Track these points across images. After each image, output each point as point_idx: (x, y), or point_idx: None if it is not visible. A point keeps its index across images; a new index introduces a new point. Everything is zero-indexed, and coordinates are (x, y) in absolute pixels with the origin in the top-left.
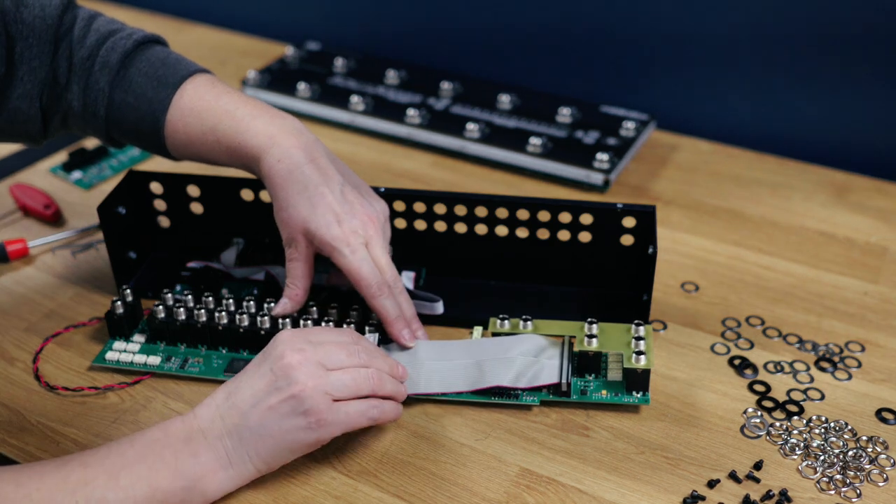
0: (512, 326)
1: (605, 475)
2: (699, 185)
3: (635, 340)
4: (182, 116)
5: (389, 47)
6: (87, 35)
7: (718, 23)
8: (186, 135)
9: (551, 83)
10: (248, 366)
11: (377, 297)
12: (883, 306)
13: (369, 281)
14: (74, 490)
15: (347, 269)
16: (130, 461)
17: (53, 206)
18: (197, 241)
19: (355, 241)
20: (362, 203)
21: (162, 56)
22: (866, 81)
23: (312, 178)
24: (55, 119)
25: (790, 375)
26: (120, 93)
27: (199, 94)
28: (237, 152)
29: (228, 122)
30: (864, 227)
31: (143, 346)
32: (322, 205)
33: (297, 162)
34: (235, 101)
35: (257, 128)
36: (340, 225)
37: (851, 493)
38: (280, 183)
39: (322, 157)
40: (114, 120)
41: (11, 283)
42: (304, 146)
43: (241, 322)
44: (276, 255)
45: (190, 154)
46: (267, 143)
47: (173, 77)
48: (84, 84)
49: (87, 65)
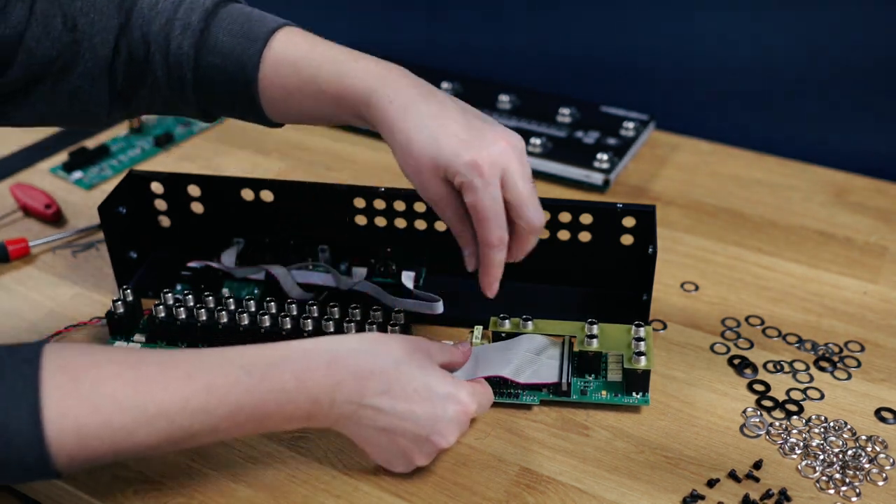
0: (512, 326)
1: (605, 474)
2: (699, 185)
3: (635, 341)
4: (277, 70)
5: (388, 48)
6: (157, 2)
7: (718, 22)
8: (284, 88)
9: (551, 83)
10: (409, 367)
11: (489, 246)
12: (882, 306)
13: (490, 227)
14: (192, 416)
15: (472, 205)
16: (251, 406)
17: (54, 205)
18: (197, 241)
19: (488, 171)
20: (494, 128)
21: (245, 11)
22: (866, 80)
23: (431, 110)
24: (140, 92)
25: (790, 375)
26: (206, 54)
27: (292, 45)
28: (342, 98)
29: (329, 68)
30: (864, 227)
31: (144, 345)
32: (446, 135)
33: (412, 98)
34: (333, 47)
35: (364, 69)
36: (469, 151)
37: (851, 492)
38: (396, 124)
39: (435, 92)
40: (202, 85)
41: (12, 283)
42: (416, 84)
43: (241, 321)
44: (276, 254)
45: (288, 111)
46: (376, 84)
47: (261, 30)
48: (165, 51)
49: (165, 30)
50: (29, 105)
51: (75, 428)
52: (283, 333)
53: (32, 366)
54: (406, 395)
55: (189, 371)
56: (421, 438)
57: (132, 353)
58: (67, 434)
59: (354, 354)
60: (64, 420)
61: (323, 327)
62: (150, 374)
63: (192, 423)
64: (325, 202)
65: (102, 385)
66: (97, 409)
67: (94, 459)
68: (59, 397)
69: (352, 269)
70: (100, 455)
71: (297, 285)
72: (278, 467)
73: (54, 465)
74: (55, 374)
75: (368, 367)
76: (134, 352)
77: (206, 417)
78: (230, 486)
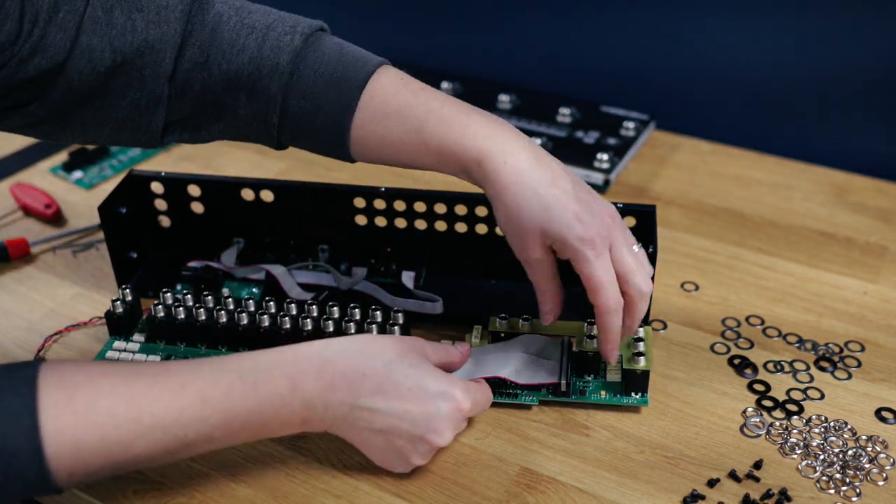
0: (512, 326)
1: (605, 474)
2: (699, 185)
3: (634, 342)
4: (374, 118)
5: (389, 48)
6: (241, 34)
7: (718, 22)
8: (382, 137)
9: (551, 83)
10: (401, 366)
11: (608, 312)
12: (882, 306)
13: (607, 294)
14: (186, 425)
15: (588, 276)
16: (245, 412)
17: (54, 205)
18: (197, 241)
19: (600, 244)
20: (598, 201)
21: (336, 50)
22: (866, 80)
23: (543, 178)
24: (214, 126)
25: (790, 375)
26: (295, 99)
27: (392, 91)
28: (449, 155)
29: (436, 123)
30: (864, 227)
31: (143, 345)
32: (558, 206)
33: (526, 163)
34: (436, 97)
35: (476, 127)
36: (582, 224)
37: (851, 492)
38: (508, 188)
39: (545, 156)
40: (288, 126)
41: (12, 283)
42: (527, 146)
43: (241, 321)
44: (276, 254)
45: (379, 156)
46: (489, 144)
47: (356, 76)
48: (250, 91)
49: (250, 70)
50: (72, 128)
51: (73, 444)
52: (282, 333)
53: (30, 385)
54: (399, 394)
55: (182, 381)
56: (416, 437)
57: (126, 367)
58: (66, 451)
59: (345, 356)
60: (62, 437)
61: (322, 327)
62: (144, 387)
63: (188, 432)
64: (325, 202)
65: (98, 401)
66: (93, 424)
67: (93, 473)
68: (57, 416)
69: (352, 269)
70: (98, 469)
71: (297, 285)
72: (278, 467)
73: (55, 481)
74: (52, 393)
75: (360, 368)
76: (128, 366)
77: (201, 426)
78: (230, 486)
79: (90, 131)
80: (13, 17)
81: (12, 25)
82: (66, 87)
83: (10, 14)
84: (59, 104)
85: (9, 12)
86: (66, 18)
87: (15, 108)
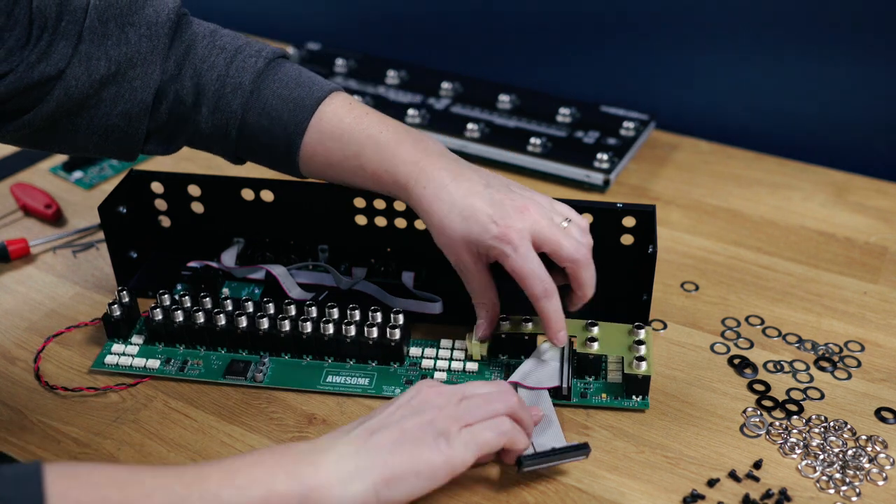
0: (512, 327)
1: (605, 474)
2: (699, 185)
3: (636, 344)
4: (321, 140)
5: (389, 47)
6: (212, 53)
7: (719, 25)
8: (326, 158)
9: (551, 83)
10: (383, 406)
11: (542, 299)
12: (882, 306)
13: (533, 283)
14: (190, 485)
15: (512, 269)
16: (248, 463)
17: (54, 205)
18: (197, 241)
19: (517, 238)
20: (512, 197)
21: (294, 75)
22: (866, 82)
23: (460, 191)
24: (179, 138)
25: (790, 375)
26: (253, 115)
27: (338, 117)
28: (382, 179)
29: (373, 150)
30: (864, 227)
31: (142, 347)
32: (474, 213)
33: (443, 182)
34: (376, 123)
35: (403, 157)
36: (496, 224)
37: (851, 492)
38: (430, 208)
39: (463, 170)
40: (245, 141)
41: (12, 283)
42: (448, 165)
43: (240, 323)
44: (276, 254)
45: (324, 174)
46: (413, 171)
47: (309, 98)
48: (213, 106)
49: (216, 86)
50: (62, 136)
51: None
52: (282, 336)
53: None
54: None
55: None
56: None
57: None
58: None
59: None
60: None
61: (322, 330)
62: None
63: None
64: (325, 202)
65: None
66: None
67: None
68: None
69: (352, 269)
70: None
71: (297, 285)
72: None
73: None
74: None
75: None
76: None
77: None
78: None
79: (80, 140)
80: (22, 23)
81: (21, 31)
82: (62, 94)
83: (19, 21)
84: (55, 112)
85: (18, 19)
86: (68, 27)
87: (12, 116)
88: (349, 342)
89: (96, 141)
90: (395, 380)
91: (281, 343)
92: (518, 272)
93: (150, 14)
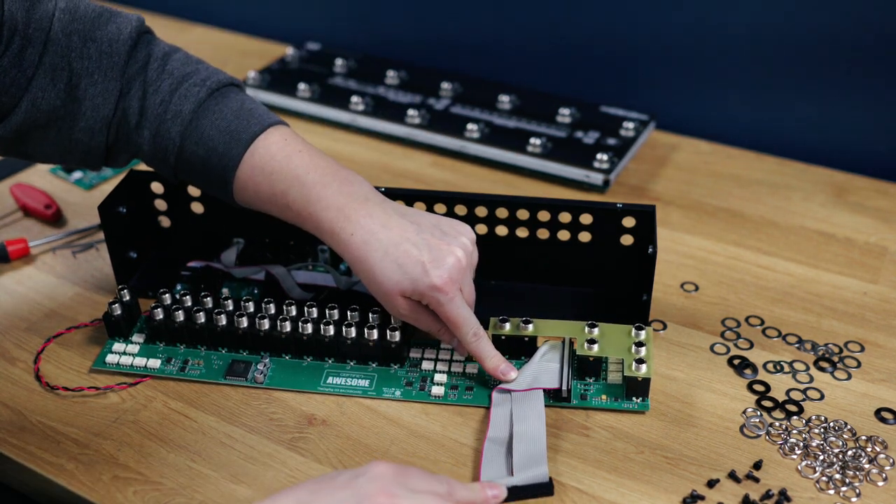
0: (512, 327)
1: (605, 475)
2: (699, 185)
3: (636, 346)
4: (252, 175)
5: (389, 47)
6: (161, 77)
7: (719, 23)
8: (256, 193)
9: (551, 83)
10: (329, 479)
11: (473, 342)
12: (882, 306)
13: (466, 329)
14: None
15: (446, 317)
16: None
17: (54, 205)
18: (197, 241)
19: (451, 288)
20: (447, 242)
21: (235, 107)
22: (866, 81)
23: (391, 239)
24: (122, 155)
25: (789, 375)
26: (191, 144)
27: (270, 154)
28: (308, 222)
29: (299, 190)
30: (864, 227)
31: (143, 347)
32: (408, 261)
33: (371, 230)
34: (306, 163)
35: (328, 201)
36: (429, 274)
37: (851, 492)
38: (359, 255)
39: (392, 215)
40: (182, 168)
41: (12, 283)
42: (373, 213)
43: (240, 324)
44: (276, 255)
45: (259, 209)
46: (337, 217)
47: (246, 132)
48: (155, 130)
49: (159, 111)
50: (33, 146)
51: None
52: (283, 336)
53: None
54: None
55: None
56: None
57: None
58: None
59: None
60: None
61: (323, 332)
62: None
63: None
64: None
65: None
66: None
67: None
68: None
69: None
70: None
71: (297, 285)
72: (278, 467)
73: None
74: None
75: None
76: None
77: None
78: (230, 487)
79: (47, 151)
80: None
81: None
82: (28, 107)
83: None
84: (23, 124)
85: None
86: (35, 33)
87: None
88: (349, 344)
89: (60, 154)
90: (395, 381)
91: (281, 343)
92: (452, 320)
93: (113, 31)
